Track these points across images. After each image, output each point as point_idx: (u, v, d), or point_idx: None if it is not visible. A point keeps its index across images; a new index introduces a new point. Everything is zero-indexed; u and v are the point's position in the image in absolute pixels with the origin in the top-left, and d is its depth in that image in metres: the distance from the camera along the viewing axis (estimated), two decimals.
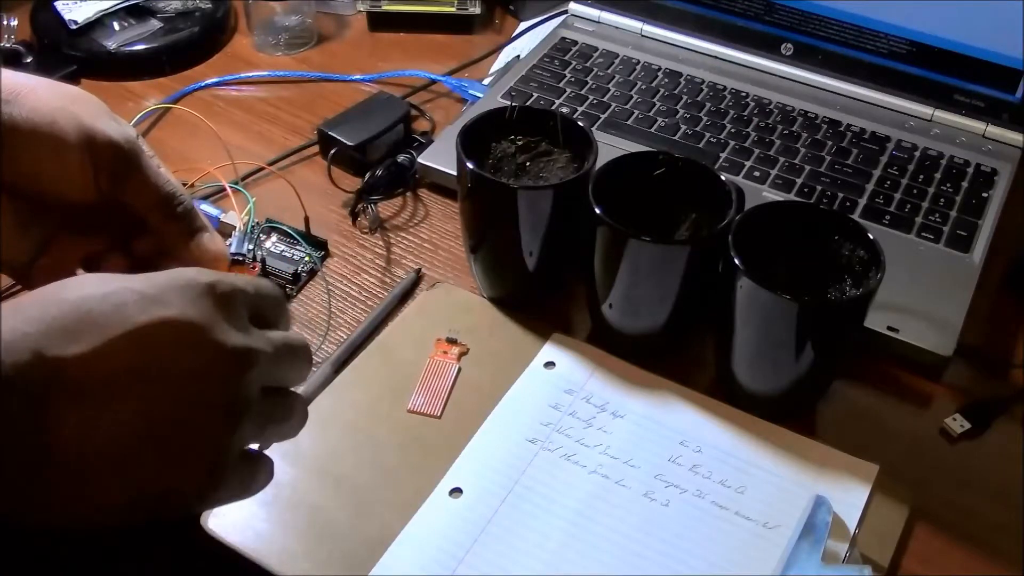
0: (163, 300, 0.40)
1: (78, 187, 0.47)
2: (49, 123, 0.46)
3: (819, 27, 0.82)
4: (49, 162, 0.46)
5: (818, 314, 0.55)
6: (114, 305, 0.39)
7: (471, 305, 0.66)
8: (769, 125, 0.80)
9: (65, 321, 0.38)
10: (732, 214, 0.58)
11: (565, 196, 0.59)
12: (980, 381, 0.63)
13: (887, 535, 0.54)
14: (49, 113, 0.46)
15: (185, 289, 0.41)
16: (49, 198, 0.48)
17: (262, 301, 0.45)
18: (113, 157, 0.47)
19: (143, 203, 0.49)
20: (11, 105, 0.45)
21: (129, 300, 0.40)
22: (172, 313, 0.40)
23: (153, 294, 0.40)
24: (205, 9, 0.92)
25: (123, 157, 0.48)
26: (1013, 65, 0.77)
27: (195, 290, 0.41)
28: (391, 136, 0.78)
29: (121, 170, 0.48)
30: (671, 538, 0.53)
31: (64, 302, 0.39)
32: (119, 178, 0.48)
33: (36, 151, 0.46)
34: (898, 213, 0.72)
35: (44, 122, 0.45)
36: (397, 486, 0.55)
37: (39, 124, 0.45)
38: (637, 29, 0.89)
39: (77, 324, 0.38)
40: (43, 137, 0.46)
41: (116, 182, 0.48)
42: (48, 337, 0.37)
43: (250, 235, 0.69)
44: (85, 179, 0.47)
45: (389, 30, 0.95)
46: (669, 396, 0.60)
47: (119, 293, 0.40)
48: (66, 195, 0.48)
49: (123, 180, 0.48)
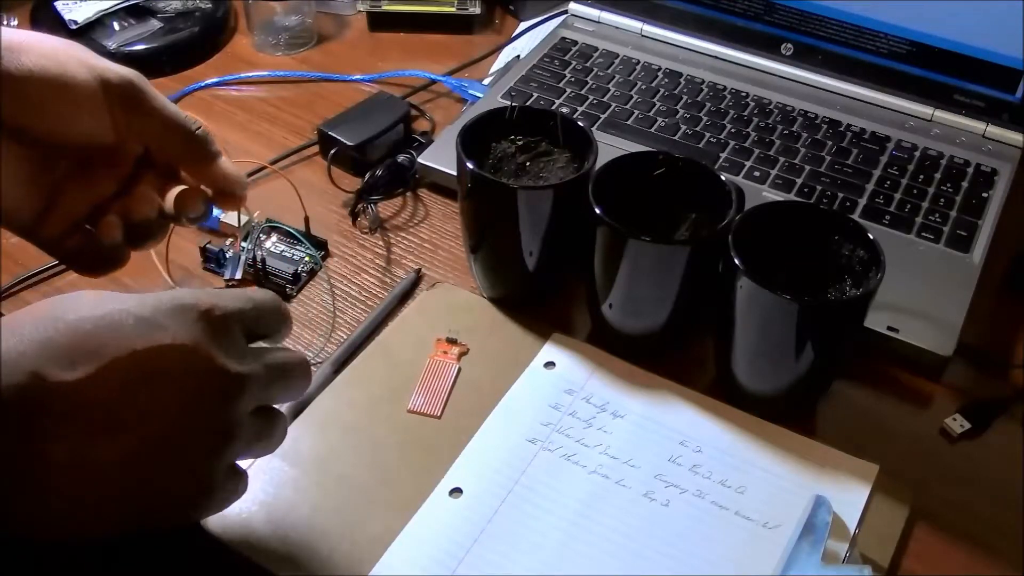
0: (160, 324, 0.40)
1: (92, 127, 0.49)
2: (60, 66, 0.47)
3: (819, 27, 0.82)
4: (65, 104, 0.47)
5: (818, 314, 0.55)
6: (111, 328, 0.39)
7: (471, 305, 0.66)
8: (769, 125, 0.80)
9: (62, 343, 0.38)
10: (732, 214, 0.58)
11: (565, 196, 0.59)
12: (980, 381, 0.63)
13: (887, 535, 0.54)
14: (57, 59, 0.47)
15: (182, 313, 0.41)
16: (61, 143, 0.49)
17: (260, 314, 0.45)
18: (127, 91, 0.49)
19: (160, 132, 0.50)
20: (19, 55, 0.46)
21: (126, 323, 0.40)
22: (168, 338, 0.40)
23: (150, 317, 0.40)
24: (205, 9, 0.92)
25: (137, 90, 0.49)
26: (1013, 65, 0.77)
27: (191, 314, 0.42)
28: (391, 136, 0.78)
29: (136, 103, 0.49)
30: (671, 538, 0.53)
31: (61, 322, 0.39)
32: (135, 111, 0.49)
33: (51, 94, 0.47)
34: (898, 213, 0.72)
35: (55, 66, 0.47)
36: (397, 486, 0.55)
37: (50, 68, 0.46)
38: (637, 29, 0.89)
39: (75, 347, 0.38)
40: (57, 80, 0.47)
41: (132, 115, 0.49)
42: (46, 359, 0.37)
43: (250, 238, 0.69)
44: (101, 118, 0.48)
45: (389, 30, 0.95)
46: (669, 396, 0.60)
47: (116, 315, 0.40)
48: (79, 137, 0.49)
49: (139, 112, 0.49)
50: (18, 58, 0.46)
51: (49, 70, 0.47)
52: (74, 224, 0.51)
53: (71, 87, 0.47)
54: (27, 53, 0.47)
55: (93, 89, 0.48)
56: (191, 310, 0.42)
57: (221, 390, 0.42)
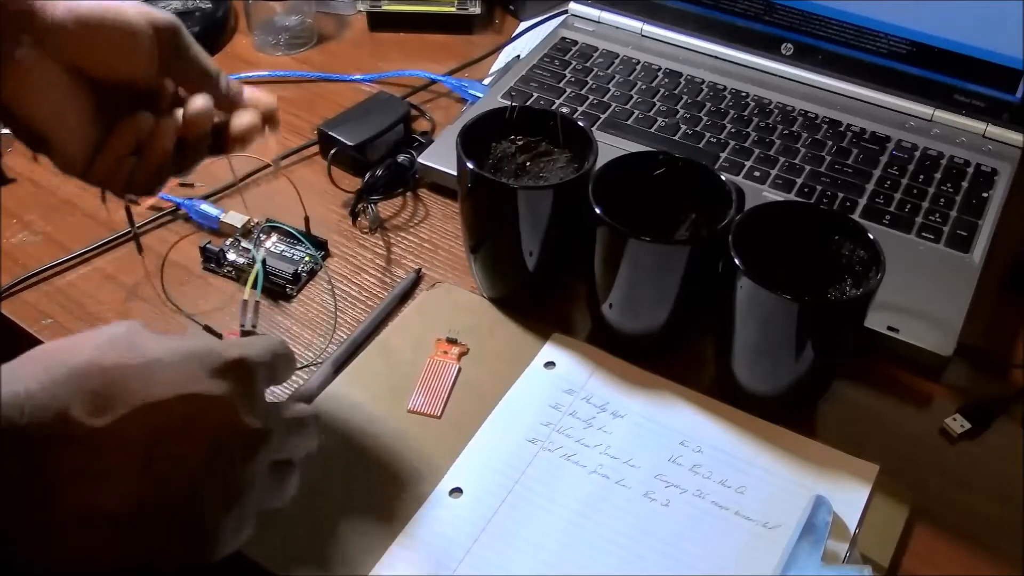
0: (188, 374, 0.41)
1: (145, 66, 0.52)
2: (116, 11, 0.50)
3: (819, 27, 0.82)
4: (122, 44, 0.51)
5: (818, 314, 0.55)
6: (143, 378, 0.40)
7: (471, 305, 0.66)
8: (769, 125, 0.80)
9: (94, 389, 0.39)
10: (732, 214, 0.58)
11: (565, 196, 0.59)
12: (980, 381, 0.64)
13: (887, 535, 0.54)
14: (116, 8, 0.51)
15: (210, 364, 0.42)
16: (118, 81, 0.52)
17: (276, 363, 0.46)
18: (173, 35, 0.53)
19: (197, 73, 0.54)
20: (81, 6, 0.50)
21: (158, 374, 0.41)
22: (195, 389, 0.41)
23: (180, 368, 0.41)
24: (205, 9, 0.92)
25: (181, 35, 0.53)
26: (1013, 65, 0.77)
27: (219, 367, 0.42)
28: (391, 136, 0.78)
29: (179, 46, 0.53)
30: (671, 538, 0.53)
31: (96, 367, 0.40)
32: (179, 53, 0.53)
33: (110, 36, 0.50)
34: (898, 213, 0.72)
35: (111, 10, 0.50)
36: (397, 486, 0.55)
37: (107, 12, 0.50)
38: (637, 29, 0.89)
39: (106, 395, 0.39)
40: (115, 23, 0.50)
41: (177, 57, 0.53)
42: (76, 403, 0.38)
43: (252, 240, 0.69)
44: (152, 58, 0.52)
45: (389, 30, 0.95)
46: (669, 396, 0.60)
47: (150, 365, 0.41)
48: (132, 76, 0.52)
49: (180, 55, 0.53)
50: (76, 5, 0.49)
51: (105, 12, 0.50)
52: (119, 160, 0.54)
53: (127, 29, 0.51)
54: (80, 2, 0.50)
55: (146, 30, 0.51)
56: (217, 360, 0.43)
57: (242, 445, 0.42)
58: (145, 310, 0.66)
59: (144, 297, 0.66)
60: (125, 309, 0.66)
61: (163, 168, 0.55)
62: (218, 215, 0.71)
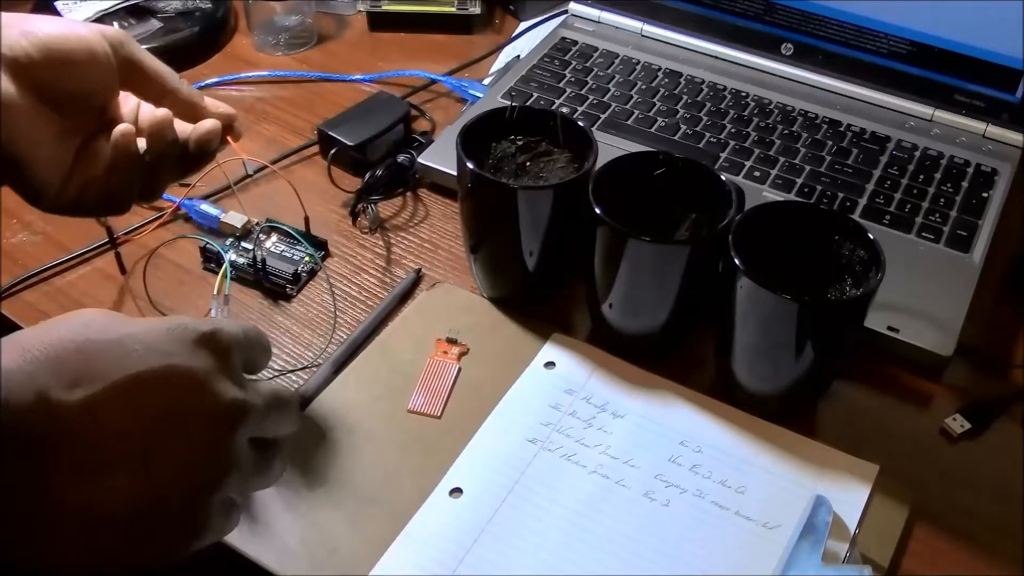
0: (164, 349, 0.41)
1: (107, 83, 0.53)
2: (75, 33, 0.51)
3: (819, 27, 0.82)
4: (84, 64, 0.52)
5: (818, 314, 0.55)
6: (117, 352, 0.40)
7: (471, 305, 0.66)
8: (769, 125, 0.80)
9: (69, 364, 0.39)
10: (732, 214, 0.58)
11: (565, 196, 0.59)
12: (980, 381, 0.63)
13: (887, 535, 0.54)
14: (70, 29, 0.52)
15: (186, 339, 0.42)
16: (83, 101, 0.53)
17: (250, 344, 0.46)
18: (125, 47, 0.53)
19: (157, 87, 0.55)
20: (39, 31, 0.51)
21: (132, 348, 0.40)
22: (173, 363, 0.40)
23: (155, 342, 0.41)
24: (205, 9, 0.92)
25: (134, 50, 0.54)
26: (1013, 65, 0.77)
27: (194, 339, 0.42)
28: (391, 136, 0.78)
29: (134, 61, 0.54)
30: (671, 538, 0.53)
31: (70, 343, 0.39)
32: (134, 69, 0.54)
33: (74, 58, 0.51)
34: (898, 213, 0.72)
35: (74, 35, 0.52)
36: (397, 486, 0.55)
37: (67, 36, 0.51)
38: (637, 29, 0.89)
39: (79, 369, 0.39)
40: (76, 45, 0.52)
41: (134, 68, 0.54)
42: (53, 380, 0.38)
43: (253, 236, 0.69)
44: (112, 73, 0.53)
45: (389, 30, 0.95)
46: (669, 396, 0.60)
47: (123, 340, 0.40)
48: (97, 96, 0.54)
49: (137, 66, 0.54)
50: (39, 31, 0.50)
51: (66, 36, 0.51)
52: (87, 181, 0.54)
53: (88, 47, 0.52)
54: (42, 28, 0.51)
55: (103, 46, 0.52)
56: (194, 335, 0.42)
57: (223, 417, 0.41)
58: (145, 310, 0.66)
59: (143, 297, 0.66)
60: (125, 309, 0.66)
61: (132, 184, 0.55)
62: (218, 215, 0.71)
